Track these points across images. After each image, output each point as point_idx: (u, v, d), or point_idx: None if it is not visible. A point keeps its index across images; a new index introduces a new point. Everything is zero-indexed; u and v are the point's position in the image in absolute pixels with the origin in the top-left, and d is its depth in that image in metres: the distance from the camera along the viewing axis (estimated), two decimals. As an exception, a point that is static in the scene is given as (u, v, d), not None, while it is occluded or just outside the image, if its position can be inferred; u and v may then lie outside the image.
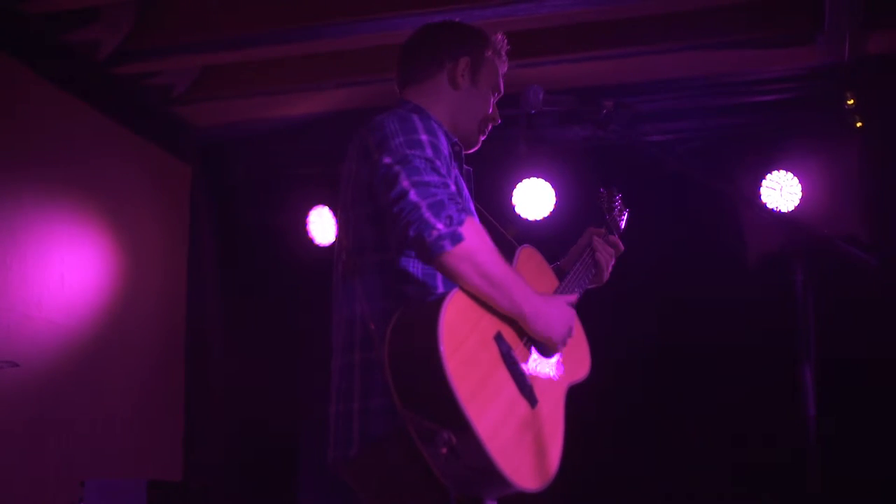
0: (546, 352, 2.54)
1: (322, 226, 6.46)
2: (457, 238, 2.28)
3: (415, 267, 2.45)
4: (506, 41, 2.88)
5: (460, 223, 2.29)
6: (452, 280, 2.33)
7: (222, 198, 6.68)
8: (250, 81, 5.98)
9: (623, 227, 3.31)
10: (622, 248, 3.11)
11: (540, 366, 2.50)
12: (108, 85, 5.71)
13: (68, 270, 5.40)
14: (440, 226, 2.27)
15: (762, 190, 5.73)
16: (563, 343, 2.53)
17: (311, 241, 6.46)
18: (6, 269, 4.98)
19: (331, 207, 6.38)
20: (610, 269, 3.06)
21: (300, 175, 6.63)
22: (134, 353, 5.87)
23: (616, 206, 3.29)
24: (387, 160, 2.39)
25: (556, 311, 2.50)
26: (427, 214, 2.28)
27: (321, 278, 2.79)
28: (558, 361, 2.59)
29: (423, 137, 2.43)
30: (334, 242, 2.68)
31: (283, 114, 6.29)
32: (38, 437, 5.08)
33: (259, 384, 6.33)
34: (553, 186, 6.06)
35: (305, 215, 6.46)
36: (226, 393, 6.38)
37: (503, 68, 2.87)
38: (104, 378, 5.60)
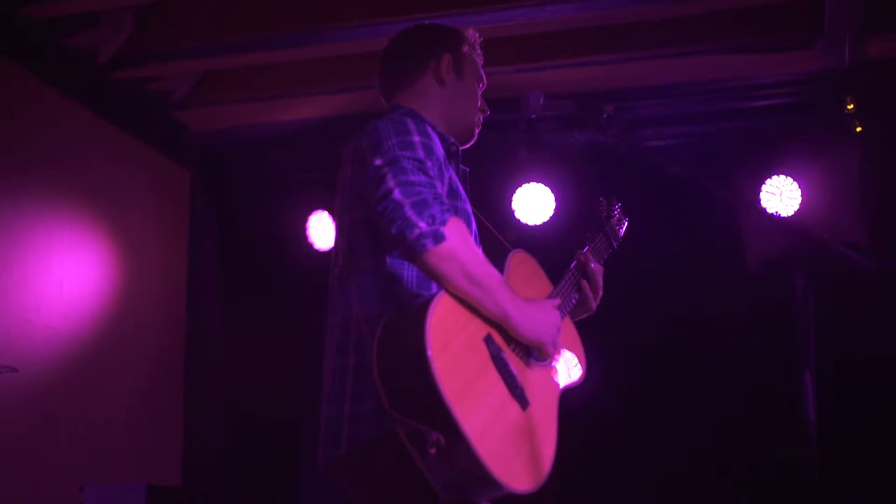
0: (538, 355, 2.54)
1: (321, 230, 6.46)
2: (439, 237, 2.28)
3: (409, 271, 2.45)
4: (478, 35, 2.94)
5: (443, 223, 2.30)
6: (435, 280, 2.33)
7: (222, 202, 6.67)
8: (250, 86, 5.98)
9: (622, 235, 3.30)
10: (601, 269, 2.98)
11: (532, 368, 2.50)
12: (108, 89, 5.71)
13: (67, 275, 5.40)
14: (422, 224, 2.28)
15: (762, 195, 5.72)
16: (554, 345, 2.52)
17: (310, 246, 6.45)
18: (6, 274, 4.98)
19: (330, 212, 6.38)
20: (599, 296, 2.95)
21: (300, 179, 6.63)
22: (133, 358, 5.86)
23: (615, 215, 3.29)
24: (378, 162, 2.41)
25: (542, 315, 2.49)
26: (409, 213, 2.29)
27: (321, 283, 2.79)
28: (551, 364, 2.59)
29: (416, 139, 2.45)
30: (333, 246, 2.69)
31: (282, 118, 6.29)
32: (37, 441, 5.07)
33: (258, 389, 6.33)
34: (553, 191, 6.05)
35: (305, 220, 6.46)
36: (225, 398, 6.38)
37: (480, 61, 2.93)
38: (103, 383, 5.59)
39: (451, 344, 2.23)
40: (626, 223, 3.33)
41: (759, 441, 5.51)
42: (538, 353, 2.53)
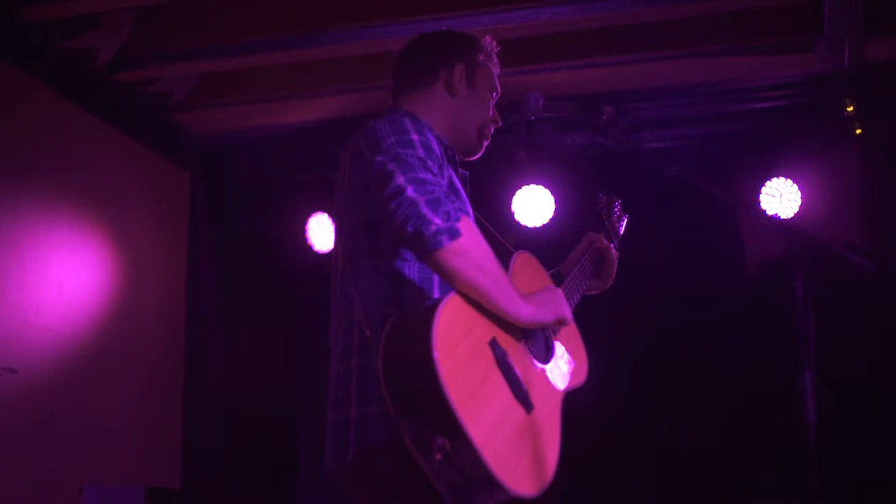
0: (544, 357, 2.54)
1: (321, 232, 6.45)
2: (454, 233, 2.28)
3: (410, 272, 2.45)
4: (495, 44, 2.90)
5: (457, 219, 2.30)
6: (447, 277, 2.32)
7: (221, 204, 6.67)
8: (249, 88, 5.98)
9: (622, 232, 3.31)
10: (617, 254, 3.14)
11: (536, 371, 2.50)
12: (107, 92, 5.71)
13: (67, 277, 5.40)
14: (438, 221, 2.27)
15: (762, 197, 5.72)
16: (569, 314, 2.56)
17: (310, 248, 6.44)
18: (5, 276, 4.98)
19: (330, 214, 6.38)
20: (614, 273, 3.08)
21: (299, 181, 6.63)
22: (132, 360, 5.86)
23: (615, 212, 3.29)
24: (379, 158, 2.39)
25: (548, 295, 2.52)
26: (425, 210, 2.28)
27: (320, 285, 2.79)
28: (555, 367, 2.59)
29: (414, 137, 2.44)
30: (332, 249, 2.68)
31: (281, 120, 6.29)
32: (36, 443, 5.07)
33: (258, 391, 6.33)
34: (552, 193, 6.05)
35: (304, 222, 6.45)
36: (225, 400, 6.37)
37: (496, 70, 2.89)
38: (103, 385, 5.59)
39: (457, 349, 2.22)
40: (626, 220, 3.33)
41: (758, 441, 5.51)
42: (542, 355, 2.52)
